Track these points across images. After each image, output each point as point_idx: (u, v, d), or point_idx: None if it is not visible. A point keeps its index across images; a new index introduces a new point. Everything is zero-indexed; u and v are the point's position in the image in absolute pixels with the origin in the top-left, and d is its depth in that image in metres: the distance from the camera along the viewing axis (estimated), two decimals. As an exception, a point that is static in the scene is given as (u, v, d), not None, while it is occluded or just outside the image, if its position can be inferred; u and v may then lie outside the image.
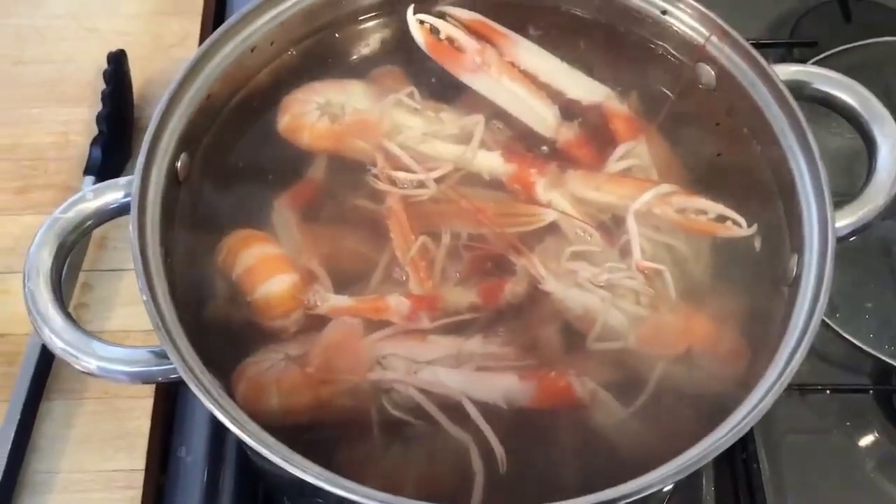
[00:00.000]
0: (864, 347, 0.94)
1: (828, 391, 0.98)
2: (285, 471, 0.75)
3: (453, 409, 0.70)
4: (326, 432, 0.70)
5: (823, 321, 0.92)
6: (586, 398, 0.71)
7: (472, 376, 0.71)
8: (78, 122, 1.07)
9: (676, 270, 0.76)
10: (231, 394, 0.69)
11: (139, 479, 0.86)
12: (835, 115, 0.83)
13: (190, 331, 0.68)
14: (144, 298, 0.66)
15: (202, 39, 0.95)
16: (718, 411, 0.66)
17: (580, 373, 0.72)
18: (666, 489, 0.81)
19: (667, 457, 0.63)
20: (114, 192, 0.72)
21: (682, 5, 0.83)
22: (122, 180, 0.73)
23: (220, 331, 0.74)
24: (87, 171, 1.00)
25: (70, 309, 0.93)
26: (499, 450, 0.68)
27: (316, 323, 0.74)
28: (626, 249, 0.77)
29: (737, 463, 0.94)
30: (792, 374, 0.64)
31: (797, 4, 1.26)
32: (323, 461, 0.62)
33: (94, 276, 0.97)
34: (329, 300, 0.74)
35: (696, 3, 0.82)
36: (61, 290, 0.69)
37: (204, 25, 1.17)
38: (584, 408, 0.71)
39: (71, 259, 0.92)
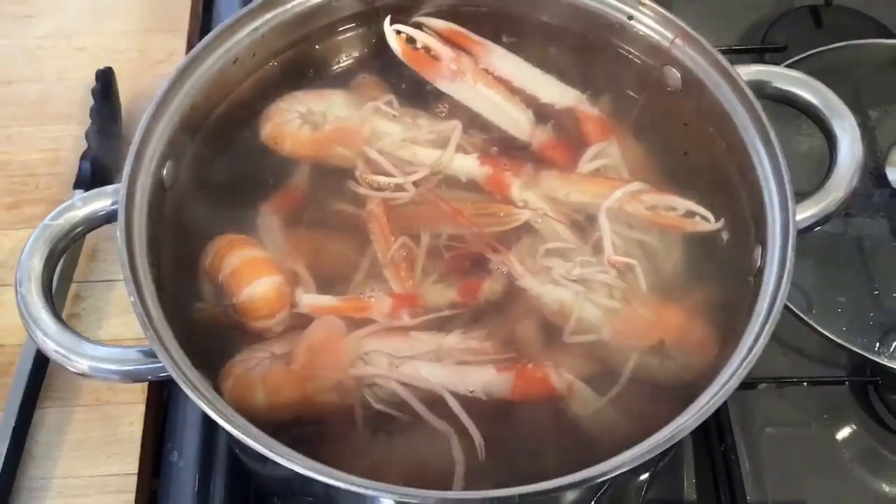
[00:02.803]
0: (839, 341, 0.95)
1: (805, 383, 1.00)
2: (275, 470, 0.78)
3: (434, 401, 0.72)
4: (312, 427, 0.73)
5: (800, 317, 0.95)
6: (563, 389, 0.73)
7: (452, 370, 0.73)
8: (68, 139, 1.09)
9: (648, 265, 0.79)
10: (218, 392, 0.71)
11: (132, 483, 0.88)
12: (805, 118, 0.86)
13: (178, 332, 0.70)
14: (132, 299, 0.68)
15: (188, 56, 0.98)
16: (690, 398, 0.68)
17: (557, 365, 0.74)
18: (642, 478, 0.84)
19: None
20: (102, 200, 0.75)
21: (646, 10, 0.86)
22: (109, 188, 0.75)
23: (207, 331, 0.76)
24: (76, 185, 1.02)
25: (62, 319, 0.95)
26: (478, 439, 0.70)
27: (300, 322, 0.76)
28: (598, 246, 0.79)
29: (716, 455, 0.96)
30: (756, 358, 0.67)
31: (770, 11, 1.29)
32: (309, 455, 0.64)
33: (85, 287, 0.99)
34: (312, 300, 0.76)
35: (660, 8, 0.85)
36: (52, 295, 0.71)
37: (190, 42, 1.19)
38: (561, 398, 0.74)
39: (62, 270, 0.95)
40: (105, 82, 1.07)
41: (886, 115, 1.14)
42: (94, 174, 1.02)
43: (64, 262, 0.96)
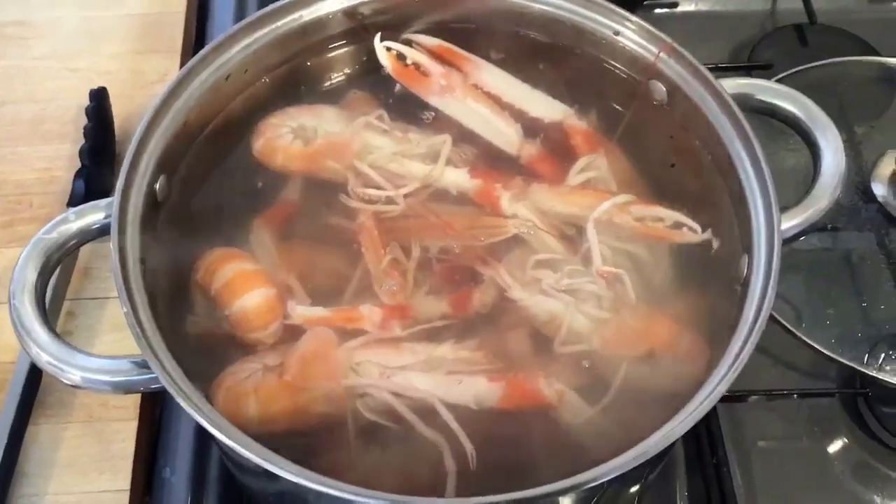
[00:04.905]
0: (828, 353, 0.96)
1: (795, 395, 1.01)
2: (268, 485, 0.78)
3: (426, 411, 0.73)
4: (304, 438, 0.73)
5: (789, 330, 0.96)
6: (553, 398, 0.74)
7: (443, 380, 0.74)
8: (61, 159, 1.10)
9: (636, 275, 0.79)
10: (210, 404, 0.71)
11: (125, 499, 0.88)
12: (790, 134, 0.87)
13: (170, 344, 0.70)
14: (125, 310, 0.68)
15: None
16: (680, 405, 0.68)
17: (547, 375, 0.75)
18: (632, 490, 0.84)
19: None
20: (95, 213, 0.75)
21: (632, 26, 0.87)
22: (102, 202, 0.75)
23: (198, 344, 0.76)
24: (70, 203, 1.03)
25: (54, 335, 0.96)
26: (469, 449, 0.71)
27: (292, 334, 0.77)
28: (588, 257, 0.80)
29: (708, 468, 0.96)
30: (743, 364, 0.67)
31: (755, 31, 1.31)
32: (301, 465, 0.64)
33: (78, 304, 0.99)
34: (304, 311, 0.76)
35: (645, 24, 0.86)
36: (45, 307, 0.72)
37: (183, 63, 1.19)
38: (552, 407, 0.74)
39: (55, 287, 0.95)
40: (99, 101, 1.08)
41: (872, 130, 1.15)
42: (87, 192, 1.03)
43: (57, 280, 0.97)
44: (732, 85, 0.83)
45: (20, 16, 1.24)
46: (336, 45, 0.93)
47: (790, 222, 0.77)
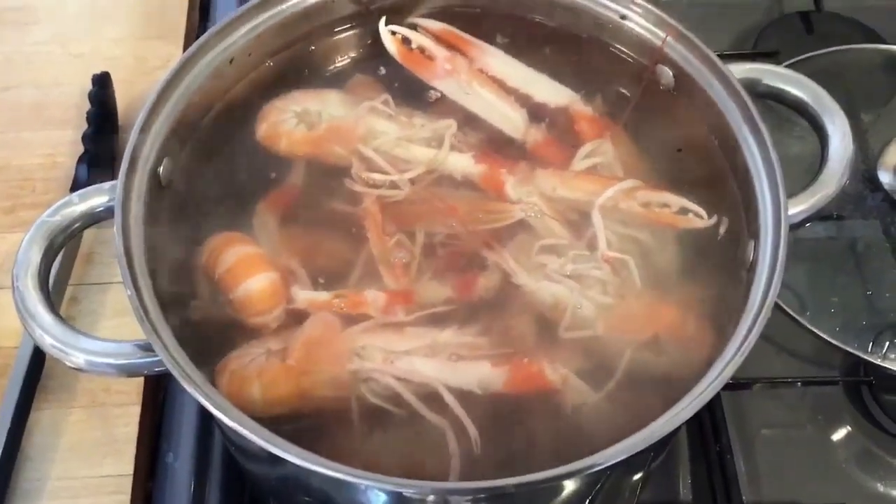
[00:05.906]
0: (833, 341, 0.96)
1: (798, 383, 1.01)
2: (270, 470, 0.78)
3: (430, 395, 0.73)
4: (308, 422, 0.72)
5: (794, 318, 0.96)
6: (558, 383, 0.74)
7: (447, 364, 0.74)
8: (64, 144, 1.10)
9: (642, 261, 0.79)
10: (214, 388, 0.71)
11: (128, 484, 0.88)
12: (796, 121, 0.86)
13: (174, 328, 0.70)
14: (129, 293, 0.68)
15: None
16: (685, 391, 0.68)
17: (552, 360, 0.74)
18: (636, 477, 0.84)
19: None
20: (99, 196, 0.75)
21: (639, 10, 0.87)
22: (106, 185, 0.75)
23: (202, 328, 0.76)
24: (73, 188, 1.03)
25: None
26: (473, 433, 0.70)
27: (296, 318, 0.76)
28: (593, 242, 0.80)
29: (711, 455, 0.96)
30: (749, 349, 0.67)
31: (760, 18, 1.31)
32: (305, 449, 0.64)
33: (80, 290, 0.99)
34: (307, 296, 0.76)
35: (652, 7, 0.86)
36: (49, 290, 0.72)
37: (186, 49, 1.19)
38: (556, 392, 0.74)
39: (58, 273, 0.95)
40: (102, 86, 1.08)
41: (878, 118, 1.15)
42: (90, 177, 1.03)
43: (60, 265, 0.97)
44: (740, 70, 0.82)
45: (20, 1, 1.24)
46: (341, 28, 0.92)
47: (797, 208, 0.76)
